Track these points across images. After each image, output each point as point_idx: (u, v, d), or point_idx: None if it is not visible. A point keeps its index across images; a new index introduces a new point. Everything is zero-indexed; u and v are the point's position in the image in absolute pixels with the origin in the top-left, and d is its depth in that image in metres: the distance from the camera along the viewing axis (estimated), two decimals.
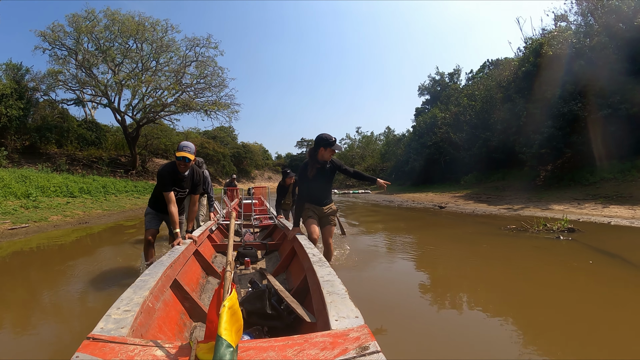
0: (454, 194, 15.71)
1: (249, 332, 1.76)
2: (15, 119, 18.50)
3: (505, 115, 15.19)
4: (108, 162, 22.66)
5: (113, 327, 1.18)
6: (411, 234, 6.83)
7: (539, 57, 14.49)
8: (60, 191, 10.68)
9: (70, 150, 22.73)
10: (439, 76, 30.11)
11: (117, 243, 6.04)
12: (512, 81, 15.85)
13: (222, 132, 45.49)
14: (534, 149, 12.74)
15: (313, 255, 2.27)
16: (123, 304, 1.39)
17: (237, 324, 1.02)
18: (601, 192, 10.45)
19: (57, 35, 20.63)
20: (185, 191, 3.33)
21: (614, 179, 11.52)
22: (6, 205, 7.66)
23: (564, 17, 17.97)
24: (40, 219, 7.61)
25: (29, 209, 7.99)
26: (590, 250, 4.47)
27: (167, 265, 2.05)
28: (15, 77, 20.17)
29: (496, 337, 2.25)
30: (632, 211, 7.77)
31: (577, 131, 12.43)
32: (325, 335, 1.10)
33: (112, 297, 1.90)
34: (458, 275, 3.93)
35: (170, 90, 22.41)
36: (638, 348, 2.06)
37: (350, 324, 1.17)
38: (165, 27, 22.32)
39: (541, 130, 12.41)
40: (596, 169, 12.43)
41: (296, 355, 1.00)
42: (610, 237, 5.39)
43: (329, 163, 3.23)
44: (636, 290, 3.08)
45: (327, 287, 1.59)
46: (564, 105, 12.37)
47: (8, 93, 18.30)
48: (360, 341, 1.05)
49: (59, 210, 8.59)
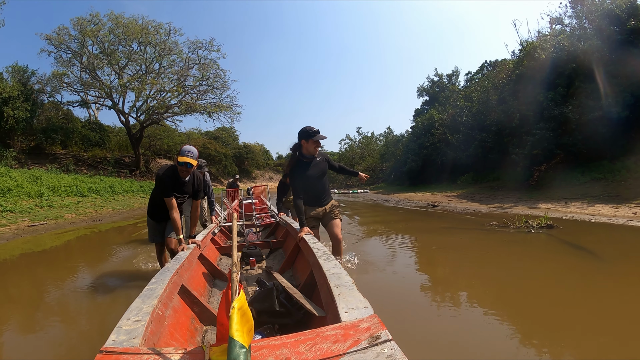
0: (450, 193, 16.11)
1: (260, 331, 1.79)
2: (22, 121, 18.96)
3: (500, 117, 15.57)
4: (112, 162, 23.14)
5: (125, 338, 1.19)
6: (398, 228, 7.30)
7: (532, 60, 14.87)
8: (71, 191, 11.13)
9: (75, 150, 23.22)
10: (437, 77, 30.50)
11: (140, 238, 6.55)
12: (506, 83, 16.24)
13: (223, 132, 45.91)
14: (526, 150, 13.12)
15: (317, 250, 2.31)
16: (133, 314, 1.41)
17: (248, 324, 1.03)
18: (590, 192, 10.82)
19: (63, 39, 21.10)
20: (185, 196, 3.22)
21: (604, 179, 11.88)
22: (22, 204, 8.12)
23: (559, 19, 18.34)
24: (56, 216, 8.08)
25: (44, 207, 8.46)
26: (560, 243, 4.93)
27: (173, 272, 2.07)
28: (22, 80, 20.65)
29: (459, 311, 2.67)
30: (615, 210, 8.15)
31: (568, 133, 12.80)
32: (336, 328, 1.12)
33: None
34: (431, 262, 4.51)
35: (174, 92, 22.87)
36: (575, 318, 2.48)
37: (360, 315, 1.19)
38: (168, 30, 22.80)
39: (533, 132, 12.79)
40: (587, 170, 12.81)
41: (309, 350, 1.01)
42: (585, 233, 5.80)
43: (319, 156, 3.11)
44: (589, 276, 3.52)
45: (334, 280, 1.61)
46: (555, 107, 12.75)
47: (15, 95, 18.74)
48: (371, 331, 1.06)
49: (72, 209, 9.08)
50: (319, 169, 3.10)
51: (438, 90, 29.95)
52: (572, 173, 13.16)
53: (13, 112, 18.38)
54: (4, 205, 7.33)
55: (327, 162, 3.20)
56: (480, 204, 11.68)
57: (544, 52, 14.49)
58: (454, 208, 11.23)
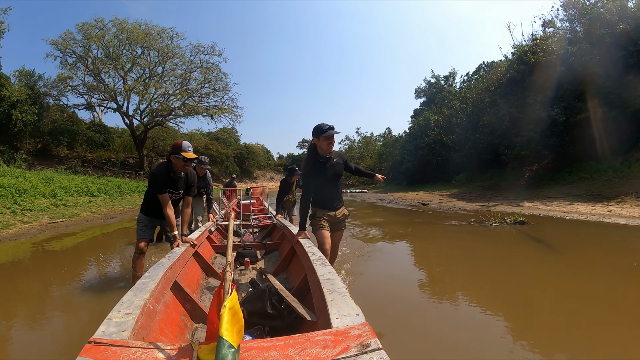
0: (443, 192, 16.66)
1: (251, 332, 1.79)
2: (30, 124, 19.59)
3: (492, 119, 16.09)
4: (119, 163, 23.80)
5: (114, 330, 1.19)
6: (382, 222, 7.88)
7: (522, 64, 15.38)
8: (82, 191, 11.76)
9: (80, 152, 23.86)
10: (434, 79, 31.04)
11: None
12: (497, 86, 16.75)
13: (225, 133, 46.52)
14: (516, 151, 13.64)
15: (313, 254, 2.30)
16: (124, 307, 1.40)
17: (238, 324, 1.03)
18: (574, 191, 11.34)
19: (68, 43, 21.73)
20: (180, 192, 3.20)
21: (590, 178, 12.37)
22: (39, 203, 8.76)
23: (552, 23, 18.80)
24: (73, 214, 8.73)
25: (59, 206, 9.12)
26: (524, 236, 5.59)
27: (167, 267, 2.07)
28: (29, 84, 21.30)
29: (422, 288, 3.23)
30: (592, 208, 8.67)
31: (556, 134, 13.30)
32: (327, 334, 1.12)
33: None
34: (398, 249, 5.32)
35: (177, 95, 23.51)
36: (516, 293, 3.03)
37: (351, 322, 1.20)
38: (171, 35, 23.41)
39: (521, 133, 13.30)
40: (575, 170, 13.31)
41: (298, 354, 1.02)
42: (552, 228, 6.40)
43: (335, 157, 2.90)
44: (536, 262, 4.15)
45: (327, 285, 1.61)
46: (542, 110, 13.25)
47: (23, 99, 19.38)
48: (361, 339, 1.06)
49: (86, 208, 9.71)
50: (334, 171, 2.88)
51: (435, 91, 30.51)
52: (560, 173, 13.69)
53: (21, 115, 18.99)
54: (23, 204, 7.96)
55: (344, 164, 3.00)
56: (467, 203, 12.24)
57: (534, 55, 14.99)
58: (442, 206, 11.81)
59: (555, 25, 18.56)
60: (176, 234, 2.93)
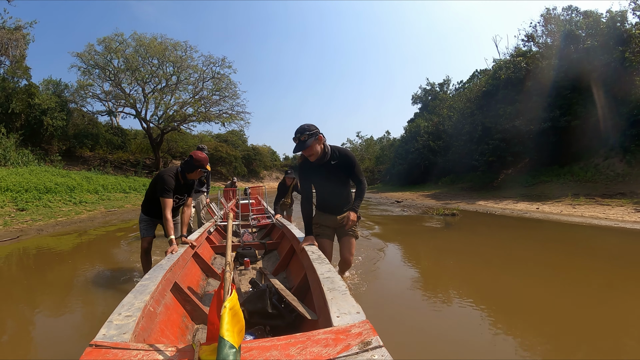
0: (424, 193, 18.56)
1: (252, 332, 1.79)
2: (59, 129, 22.07)
3: (469, 128, 17.94)
4: (141, 164, 26.36)
5: (115, 333, 1.20)
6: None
7: (495, 79, 17.20)
8: (117, 188, 14.01)
9: (101, 153, 26.42)
10: (429, 86, 32.86)
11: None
12: (475, 98, 18.58)
13: (233, 135, 48.82)
14: (485, 157, 15.47)
15: (312, 253, 2.30)
16: (124, 309, 1.40)
17: (239, 324, 1.04)
18: (528, 192, 13.12)
19: (92, 56, 24.25)
20: (185, 196, 3.29)
21: (550, 181, 14.10)
22: (88, 197, 11.02)
23: (532, 37, 20.44)
24: (119, 206, 10.95)
25: (105, 200, 11.38)
26: (441, 222, 7.48)
27: (166, 269, 2.08)
28: (57, 92, 23.90)
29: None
30: (528, 206, 10.50)
31: (521, 142, 15.06)
32: (328, 332, 1.13)
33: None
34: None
35: (192, 104, 26.04)
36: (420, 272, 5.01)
37: (352, 320, 1.20)
38: (185, 48, 25.85)
39: (489, 142, 15.14)
40: (538, 174, 15.03)
41: (299, 353, 1.02)
42: (473, 219, 8.32)
43: (336, 159, 2.62)
44: (433, 239, 6.05)
45: (327, 284, 1.62)
46: (508, 121, 15.06)
47: (52, 106, 21.86)
48: (362, 337, 1.07)
49: (125, 201, 12.03)
50: (331, 173, 2.65)
51: (430, 98, 32.30)
52: (525, 177, 15.44)
53: (52, 121, 21.45)
54: (77, 198, 10.28)
55: (348, 169, 2.68)
56: (436, 201, 14.17)
57: (506, 71, 16.78)
58: (412, 203, 13.80)
59: (536, 40, 20.25)
60: (173, 238, 2.81)
